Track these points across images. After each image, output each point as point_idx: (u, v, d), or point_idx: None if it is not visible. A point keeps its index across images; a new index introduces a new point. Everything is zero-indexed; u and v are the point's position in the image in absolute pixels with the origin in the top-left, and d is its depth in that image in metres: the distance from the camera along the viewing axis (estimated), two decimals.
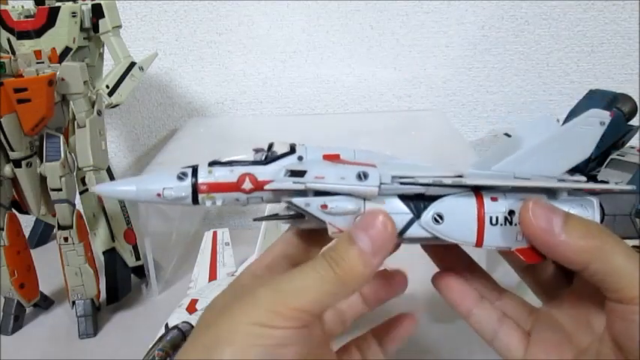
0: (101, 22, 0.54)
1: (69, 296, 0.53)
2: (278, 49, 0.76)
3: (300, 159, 0.27)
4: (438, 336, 0.49)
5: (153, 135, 0.82)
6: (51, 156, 0.49)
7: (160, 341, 0.42)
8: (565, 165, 0.27)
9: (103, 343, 0.52)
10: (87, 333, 0.52)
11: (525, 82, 0.77)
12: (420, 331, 0.50)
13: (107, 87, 0.54)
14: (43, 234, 0.71)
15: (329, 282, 0.24)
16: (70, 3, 0.52)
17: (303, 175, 0.26)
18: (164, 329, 0.44)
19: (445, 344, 0.48)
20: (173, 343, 0.41)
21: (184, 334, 0.42)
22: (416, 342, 0.49)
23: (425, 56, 0.76)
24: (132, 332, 0.53)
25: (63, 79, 0.48)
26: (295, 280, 0.24)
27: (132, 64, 0.56)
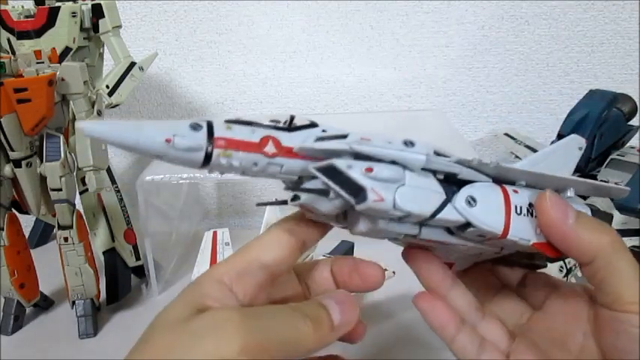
0: (101, 22, 0.54)
1: (69, 296, 0.53)
2: (278, 49, 0.76)
3: (324, 131, 0.25)
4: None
5: None
6: (51, 156, 0.49)
7: None
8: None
9: (103, 343, 0.52)
10: (87, 333, 0.52)
11: (525, 82, 0.77)
12: (420, 331, 0.50)
13: (107, 87, 0.54)
14: (43, 234, 0.71)
15: (303, 335, 0.24)
16: (70, 3, 0.52)
17: (344, 138, 0.24)
18: None
19: (444, 344, 0.48)
20: None
21: None
22: (416, 342, 0.49)
23: (425, 56, 0.76)
24: (132, 332, 0.52)
25: (63, 79, 0.48)
26: (274, 326, 0.24)
27: (132, 64, 0.56)
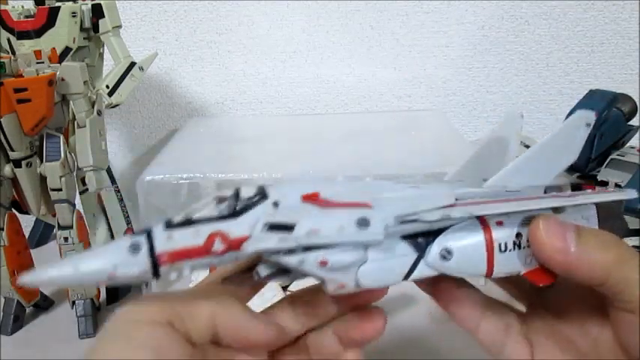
0: (101, 22, 0.54)
1: (69, 296, 0.53)
2: (278, 49, 0.76)
3: (275, 205, 0.23)
4: (438, 336, 0.49)
5: (153, 135, 0.82)
6: (51, 156, 0.49)
7: None
8: (555, 170, 0.27)
9: None
10: (87, 333, 0.52)
11: (525, 82, 0.77)
12: (420, 332, 0.50)
13: (107, 87, 0.54)
14: (43, 234, 0.71)
15: None
16: (70, 3, 0.52)
17: (291, 230, 0.22)
18: None
19: (444, 344, 0.48)
20: None
21: None
22: (416, 342, 0.49)
23: (425, 56, 0.76)
24: None
25: (63, 79, 0.48)
26: None
27: (132, 64, 0.56)
